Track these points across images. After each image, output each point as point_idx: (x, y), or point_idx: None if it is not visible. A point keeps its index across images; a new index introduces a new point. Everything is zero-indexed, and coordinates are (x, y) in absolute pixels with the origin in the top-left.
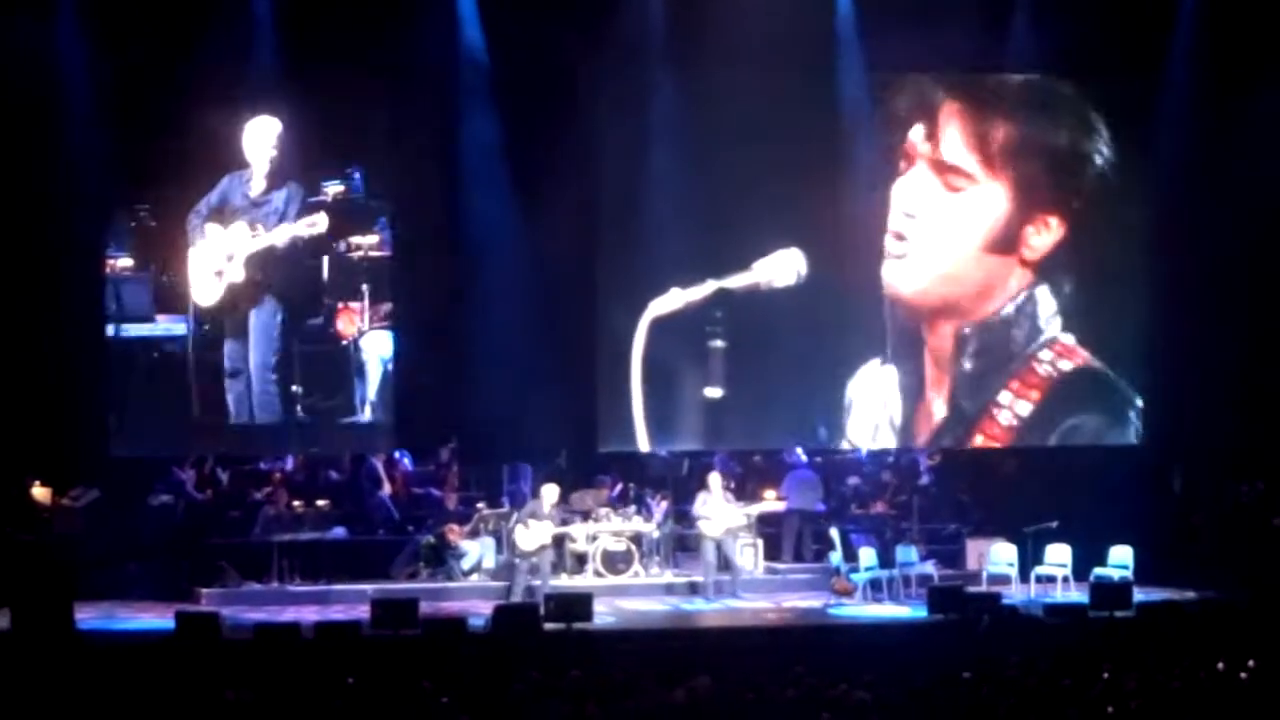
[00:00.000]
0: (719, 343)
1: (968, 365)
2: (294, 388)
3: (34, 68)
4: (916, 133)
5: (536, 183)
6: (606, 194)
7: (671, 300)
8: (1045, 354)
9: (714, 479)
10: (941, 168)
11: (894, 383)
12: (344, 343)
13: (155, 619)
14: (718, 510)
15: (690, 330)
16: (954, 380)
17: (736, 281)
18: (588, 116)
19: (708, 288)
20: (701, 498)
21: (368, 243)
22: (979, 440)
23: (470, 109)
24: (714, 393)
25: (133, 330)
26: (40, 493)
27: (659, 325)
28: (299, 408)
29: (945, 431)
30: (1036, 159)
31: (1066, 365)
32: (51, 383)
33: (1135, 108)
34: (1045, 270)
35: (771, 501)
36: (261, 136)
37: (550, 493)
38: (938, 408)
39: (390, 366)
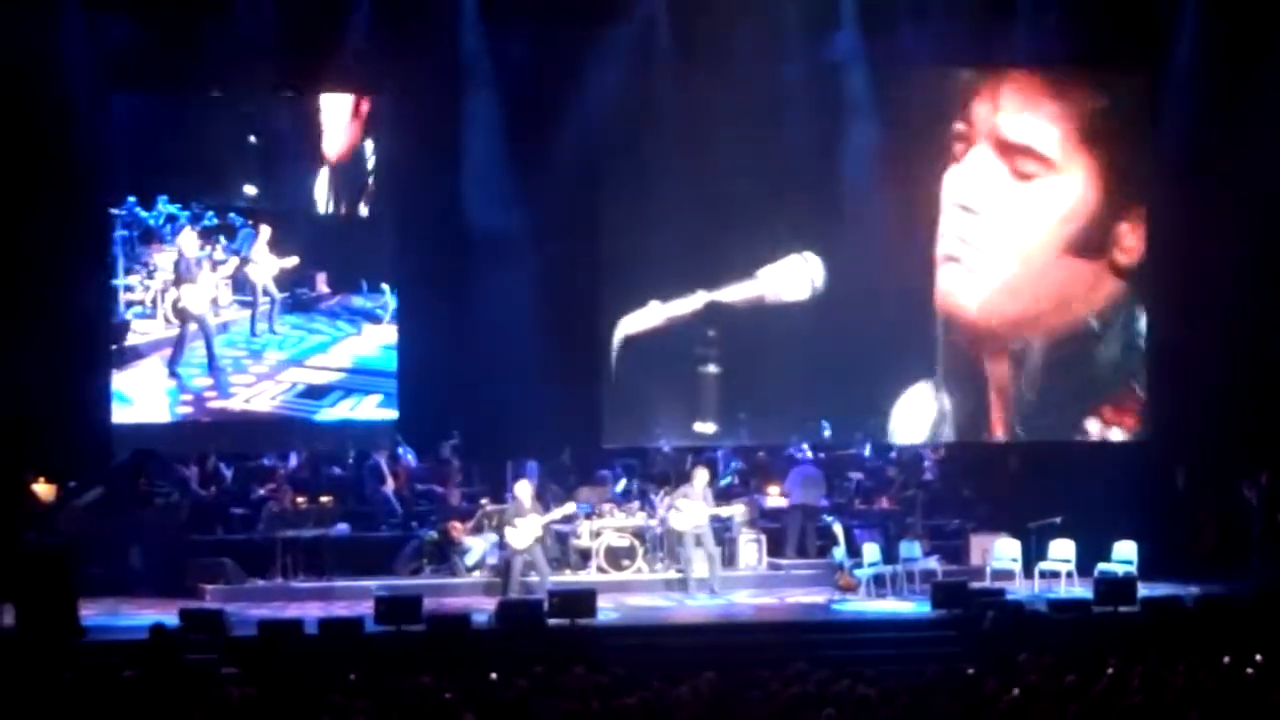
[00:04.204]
0: (712, 368)
1: (1039, 389)
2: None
3: (38, 64)
4: (977, 111)
5: (541, 177)
6: (610, 187)
7: (649, 316)
8: (1144, 375)
9: (699, 474)
10: (1007, 149)
11: (946, 411)
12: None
13: (159, 615)
14: (690, 505)
15: (675, 353)
16: (1018, 406)
17: (734, 294)
18: (591, 108)
19: (696, 300)
20: (683, 489)
21: None
22: None
23: (473, 103)
24: (705, 428)
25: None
26: (43, 490)
27: (632, 345)
28: None
29: None
30: (1121, 145)
31: None
32: (53, 372)
33: (1138, 102)
34: (1139, 276)
35: (739, 508)
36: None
37: (524, 489)
38: (1000, 438)
39: None
